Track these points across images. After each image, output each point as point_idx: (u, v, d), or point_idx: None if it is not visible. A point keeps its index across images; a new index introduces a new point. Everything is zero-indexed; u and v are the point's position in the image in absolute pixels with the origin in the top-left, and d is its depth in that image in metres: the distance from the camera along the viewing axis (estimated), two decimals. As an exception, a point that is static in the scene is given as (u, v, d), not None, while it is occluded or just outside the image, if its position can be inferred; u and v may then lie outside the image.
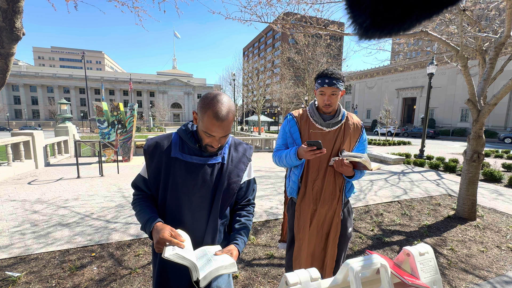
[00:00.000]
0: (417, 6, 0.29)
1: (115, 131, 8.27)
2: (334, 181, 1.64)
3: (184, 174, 1.09)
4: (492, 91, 22.61)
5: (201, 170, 1.11)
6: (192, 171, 1.10)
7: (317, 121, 1.64)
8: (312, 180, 1.65)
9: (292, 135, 1.69)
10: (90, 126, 33.28)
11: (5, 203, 4.34)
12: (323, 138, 1.63)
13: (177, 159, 1.10)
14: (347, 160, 1.49)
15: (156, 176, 1.11)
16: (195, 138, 1.11)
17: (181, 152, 1.11)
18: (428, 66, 10.16)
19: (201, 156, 1.12)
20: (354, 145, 1.68)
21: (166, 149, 1.11)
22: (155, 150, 1.11)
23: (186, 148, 1.12)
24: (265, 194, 5.06)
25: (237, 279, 2.39)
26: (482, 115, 3.63)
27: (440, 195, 5.19)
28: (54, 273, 2.44)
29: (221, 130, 1.01)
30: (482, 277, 2.49)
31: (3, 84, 2.14)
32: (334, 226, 1.66)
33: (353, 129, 1.66)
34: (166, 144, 1.12)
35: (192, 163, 1.10)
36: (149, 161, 1.11)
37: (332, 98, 1.56)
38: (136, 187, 1.17)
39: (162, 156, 1.10)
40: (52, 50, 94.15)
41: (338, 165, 1.52)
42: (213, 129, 1.00)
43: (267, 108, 66.99)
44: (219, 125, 1.00)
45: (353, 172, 1.56)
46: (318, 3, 4.54)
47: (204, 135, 1.05)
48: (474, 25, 4.16)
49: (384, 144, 16.94)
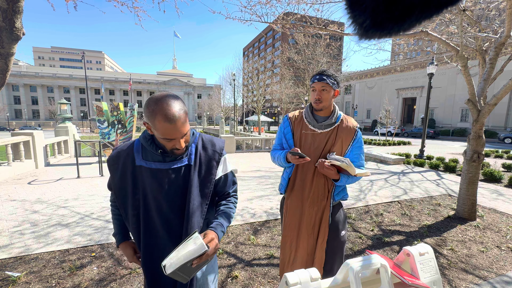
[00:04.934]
0: (417, 6, 0.29)
1: (115, 131, 8.27)
2: (324, 183, 1.64)
3: (150, 181, 1.07)
4: (492, 91, 22.60)
5: (166, 176, 1.08)
6: (157, 178, 1.07)
7: (310, 122, 1.65)
8: (302, 179, 1.67)
9: (285, 136, 1.73)
10: (90, 126, 33.30)
11: (5, 203, 4.34)
12: (313, 140, 1.64)
13: (141, 167, 1.08)
14: (330, 162, 1.50)
15: (122, 186, 1.10)
16: (156, 145, 1.08)
17: (145, 159, 1.09)
18: (428, 66, 10.16)
19: (164, 162, 1.09)
20: (347, 148, 1.63)
21: (130, 158, 1.09)
22: (117, 161, 1.10)
23: (149, 155, 1.09)
24: (265, 194, 5.06)
25: (237, 279, 2.39)
26: (482, 115, 3.63)
27: (440, 195, 5.19)
28: (54, 273, 2.44)
29: (179, 130, 0.97)
30: (482, 277, 2.49)
31: (3, 84, 2.14)
32: (323, 229, 1.65)
33: (346, 131, 1.62)
34: (129, 153, 1.10)
35: (156, 170, 1.07)
36: (112, 172, 1.11)
37: (323, 94, 1.56)
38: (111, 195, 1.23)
39: (127, 166, 1.09)
40: (52, 50, 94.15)
41: (321, 167, 1.53)
42: (170, 133, 0.96)
43: (267, 108, 66.98)
44: (174, 127, 0.95)
45: (338, 175, 1.55)
46: (318, 3, 4.54)
47: (164, 142, 1.00)
48: (474, 25, 4.16)
49: (384, 144, 16.94)
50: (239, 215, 3.95)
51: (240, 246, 3.02)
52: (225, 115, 36.39)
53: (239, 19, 4.65)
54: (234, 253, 2.86)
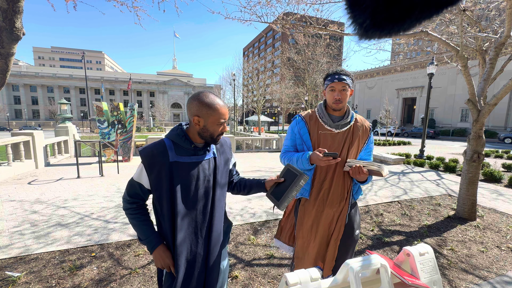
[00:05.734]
0: (417, 6, 0.29)
1: (115, 131, 8.27)
2: (343, 183, 1.63)
3: (186, 174, 1.19)
4: (492, 91, 22.61)
5: (201, 167, 1.23)
6: (193, 170, 1.21)
7: (326, 122, 1.63)
8: (320, 182, 1.64)
9: (302, 136, 1.67)
10: (90, 126, 33.29)
11: (5, 203, 4.34)
12: (333, 140, 1.62)
13: (177, 163, 1.18)
14: (365, 168, 1.47)
15: (158, 183, 1.17)
16: (189, 140, 1.21)
17: (178, 155, 1.19)
18: (428, 66, 10.15)
19: (197, 155, 1.23)
20: (362, 147, 1.66)
21: (164, 155, 1.17)
22: (154, 159, 1.16)
23: (181, 151, 1.20)
24: (265, 194, 5.05)
25: (237, 279, 2.39)
26: (482, 115, 3.63)
27: (440, 195, 5.19)
28: (54, 273, 2.44)
29: (227, 113, 1.21)
30: (482, 277, 2.49)
31: (3, 84, 2.14)
32: (338, 227, 1.65)
33: (362, 131, 1.65)
34: (162, 150, 1.18)
35: (192, 163, 1.21)
36: (149, 170, 1.16)
37: (342, 94, 1.55)
38: (133, 195, 1.21)
39: (162, 163, 1.16)
40: (52, 50, 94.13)
41: (355, 173, 1.50)
42: (226, 114, 1.19)
43: (267, 108, 66.96)
44: (226, 109, 1.20)
45: (366, 177, 1.56)
46: (318, 3, 4.54)
47: (216, 127, 1.19)
48: (474, 25, 4.16)
49: (384, 144, 16.93)
50: (239, 215, 3.95)
51: (240, 246, 3.02)
52: (225, 115, 36.31)
53: (239, 19, 4.65)
54: (234, 253, 2.86)
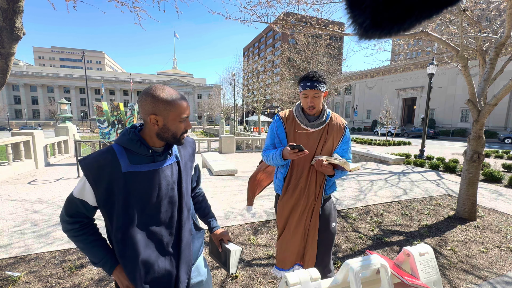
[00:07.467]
0: (417, 6, 0.29)
1: (115, 131, 8.26)
2: (317, 179, 1.73)
3: (145, 185, 1.01)
4: (492, 92, 22.55)
5: (162, 175, 1.05)
6: (153, 180, 1.03)
7: (302, 121, 1.72)
8: (297, 178, 1.73)
9: (278, 135, 1.77)
10: (90, 126, 33.30)
11: (5, 203, 4.34)
12: (308, 138, 1.71)
13: (132, 173, 0.99)
14: (327, 161, 1.59)
15: (108, 199, 0.98)
16: (145, 145, 1.03)
17: (133, 164, 1.00)
18: (428, 67, 10.15)
19: (156, 162, 1.05)
20: (337, 144, 1.74)
21: (114, 166, 0.97)
22: (100, 171, 0.96)
23: (136, 158, 1.01)
24: (265, 194, 5.05)
25: (237, 279, 2.39)
26: (482, 115, 3.63)
27: (440, 195, 5.19)
28: (54, 272, 2.44)
29: (189, 107, 1.06)
30: (482, 278, 2.49)
31: (3, 84, 2.14)
32: (313, 221, 1.73)
33: (336, 129, 1.73)
34: (111, 160, 0.98)
35: (150, 172, 1.03)
36: (96, 185, 0.97)
37: (315, 100, 1.63)
38: (74, 214, 1.02)
39: (113, 175, 0.97)
40: (52, 50, 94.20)
41: (318, 166, 1.60)
42: (187, 109, 1.04)
43: (267, 108, 66.96)
44: (186, 104, 1.04)
45: (333, 171, 1.65)
46: (318, 3, 4.54)
47: (179, 124, 1.03)
48: (474, 25, 4.16)
49: (384, 144, 16.93)
50: (239, 215, 3.95)
51: (240, 246, 3.02)
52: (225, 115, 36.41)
53: (239, 20, 4.65)
54: (234, 253, 2.86)
